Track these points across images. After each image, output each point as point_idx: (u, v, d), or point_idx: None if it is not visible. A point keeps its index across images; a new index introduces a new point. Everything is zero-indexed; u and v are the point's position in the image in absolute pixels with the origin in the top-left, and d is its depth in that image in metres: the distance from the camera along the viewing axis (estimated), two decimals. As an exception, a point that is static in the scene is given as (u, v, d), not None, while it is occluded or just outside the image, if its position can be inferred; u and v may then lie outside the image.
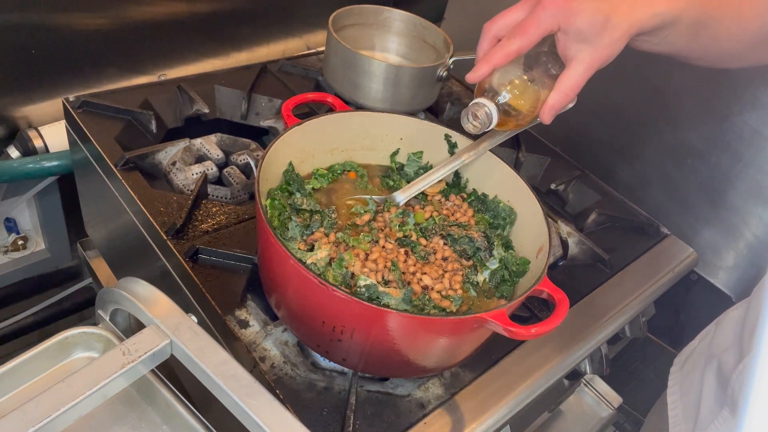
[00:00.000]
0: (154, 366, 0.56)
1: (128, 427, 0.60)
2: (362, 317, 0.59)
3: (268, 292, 0.70)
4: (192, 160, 0.92)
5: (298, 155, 0.76)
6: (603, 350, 0.92)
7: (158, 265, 0.81)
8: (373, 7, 1.12)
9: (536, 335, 0.57)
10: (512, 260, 0.72)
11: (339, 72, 1.04)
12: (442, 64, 1.04)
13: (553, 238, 0.68)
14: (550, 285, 0.61)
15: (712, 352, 0.77)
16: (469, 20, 1.44)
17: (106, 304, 0.63)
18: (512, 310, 0.60)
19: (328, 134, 0.78)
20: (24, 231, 1.17)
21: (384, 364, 0.66)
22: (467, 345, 0.66)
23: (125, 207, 0.85)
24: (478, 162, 0.79)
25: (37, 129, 1.02)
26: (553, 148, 1.12)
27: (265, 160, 0.68)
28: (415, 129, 0.81)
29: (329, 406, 0.65)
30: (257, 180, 0.64)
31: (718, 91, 1.02)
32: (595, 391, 1.02)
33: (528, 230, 0.73)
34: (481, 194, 0.80)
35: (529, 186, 0.74)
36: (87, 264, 1.14)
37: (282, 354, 0.69)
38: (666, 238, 1.02)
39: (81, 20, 0.99)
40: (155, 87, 1.01)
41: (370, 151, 0.82)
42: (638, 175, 1.18)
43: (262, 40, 1.27)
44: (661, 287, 0.94)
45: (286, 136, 0.72)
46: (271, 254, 0.63)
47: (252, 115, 1.04)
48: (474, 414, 0.69)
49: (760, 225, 1.03)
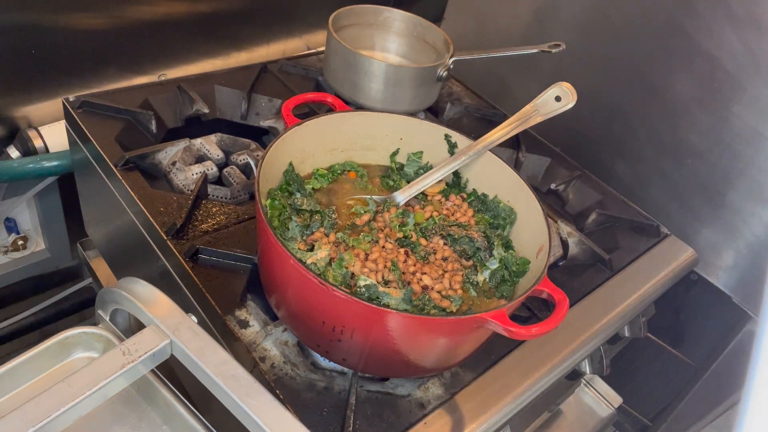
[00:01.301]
0: (154, 366, 0.56)
1: (128, 427, 0.60)
2: (362, 317, 0.59)
3: (268, 292, 0.70)
4: (192, 160, 0.92)
5: (298, 155, 0.76)
6: (603, 350, 0.92)
7: (158, 265, 0.81)
8: (373, 7, 1.12)
9: (536, 335, 0.57)
10: (512, 260, 0.72)
11: (339, 72, 1.04)
12: (442, 64, 1.03)
13: (553, 238, 0.68)
14: (550, 285, 0.61)
15: None
16: (469, 20, 1.44)
17: (106, 304, 0.63)
18: (512, 310, 0.60)
19: (328, 134, 0.79)
20: (24, 231, 1.17)
21: (384, 364, 0.66)
22: (467, 345, 0.66)
23: (125, 207, 0.85)
24: (478, 162, 0.79)
25: (37, 129, 1.02)
26: (553, 148, 1.12)
27: (265, 160, 0.68)
28: (415, 129, 0.81)
29: (329, 406, 0.65)
30: (257, 180, 0.64)
31: (718, 91, 1.02)
32: (595, 391, 1.02)
33: (528, 230, 0.73)
34: (481, 194, 0.80)
35: (529, 186, 0.74)
36: (87, 264, 1.14)
37: (282, 354, 0.69)
38: (666, 238, 1.02)
39: (81, 20, 0.99)
40: (155, 87, 1.01)
41: (370, 151, 0.82)
42: (638, 175, 1.18)
43: (262, 40, 1.27)
44: (661, 287, 0.94)
45: (286, 136, 0.72)
46: (271, 254, 0.63)
47: (252, 115, 1.04)
48: (474, 414, 0.69)
49: (760, 225, 1.03)
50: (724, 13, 0.98)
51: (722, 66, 1.00)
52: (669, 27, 1.06)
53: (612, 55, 1.16)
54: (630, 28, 1.12)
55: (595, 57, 1.19)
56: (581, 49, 1.18)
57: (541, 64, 1.25)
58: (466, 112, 1.16)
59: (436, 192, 0.81)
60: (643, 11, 1.09)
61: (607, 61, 1.17)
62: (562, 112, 0.76)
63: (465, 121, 1.14)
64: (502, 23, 1.36)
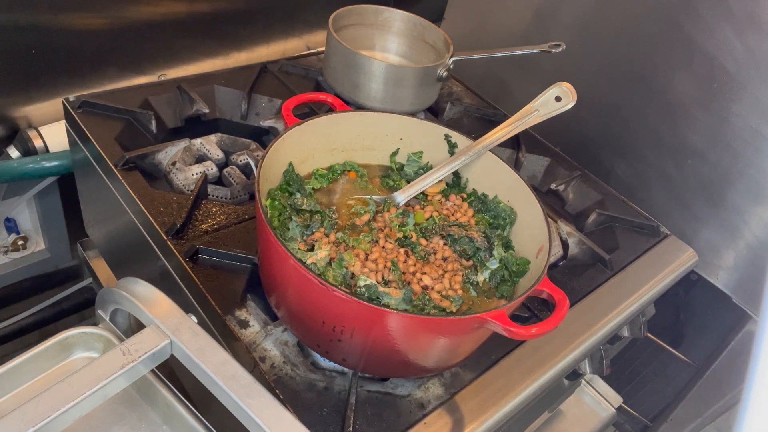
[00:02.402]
0: (154, 366, 0.56)
1: (128, 427, 0.60)
2: (362, 317, 0.59)
3: (268, 292, 0.70)
4: (192, 160, 0.92)
5: (298, 155, 0.76)
6: (603, 350, 0.92)
7: (158, 265, 0.81)
8: (373, 7, 1.12)
9: (536, 335, 0.57)
10: (512, 260, 0.72)
11: (339, 72, 1.04)
12: (442, 64, 1.04)
13: (553, 238, 0.68)
14: (550, 285, 0.61)
15: None
16: (469, 20, 1.44)
17: (106, 304, 0.63)
18: (512, 310, 0.60)
19: (328, 134, 0.79)
20: (24, 231, 1.17)
21: (384, 364, 0.66)
22: (467, 345, 0.66)
23: (125, 207, 0.85)
24: (478, 162, 0.79)
25: (37, 129, 1.02)
26: (553, 148, 1.12)
27: (265, 160, 0.68)
28: (415, 129, 0.81)
29: (329, 406, 0.65)
30: (257, 180, 0.64)
31: (718, 91, 1.02)
32: (595, 391, 1.02)
33: (528, 230, 0.73)
34: (481, 194, 0.80)
35: (529, 186, 0.74)
36: (87, 264, 1.14)
37: (282, 354, 0.69)
38: (666, 238, 1.02)
39: (81, 20, 0.99)
40: (155, 87, 1.01)
41: (370, 151, 0.82)
42: (638, 175, 1.18)
43: (262, 40, 1.27)
44: (661, 287, 0.94)
45: (286, 136, 0.72)
46: (271, 254, 0.63)
47: (252, 115, 1.04)
48: (474, 414, 0.69)
49: (760, 225, 1.03)
50: (724, 13, 0.98)
51: (722, 66, 1.00)
52: (669, 27, 1.06)
53: (612, 55, 1.16)
54: (630, 28, 1.12)
55: (595, 57, 1.19)
56: (581, 49, 1.18)
57: (541, 64, 1.25)
58: (466, 112, 1.16)
59: (436, 192, 0.81)
60: (643, 11, 1.10)
61: (607, 61, 1.17)
62: (562, 112, 0.76)
63: (465, 121, 1.14)
64: (502, 23, 1.36)
